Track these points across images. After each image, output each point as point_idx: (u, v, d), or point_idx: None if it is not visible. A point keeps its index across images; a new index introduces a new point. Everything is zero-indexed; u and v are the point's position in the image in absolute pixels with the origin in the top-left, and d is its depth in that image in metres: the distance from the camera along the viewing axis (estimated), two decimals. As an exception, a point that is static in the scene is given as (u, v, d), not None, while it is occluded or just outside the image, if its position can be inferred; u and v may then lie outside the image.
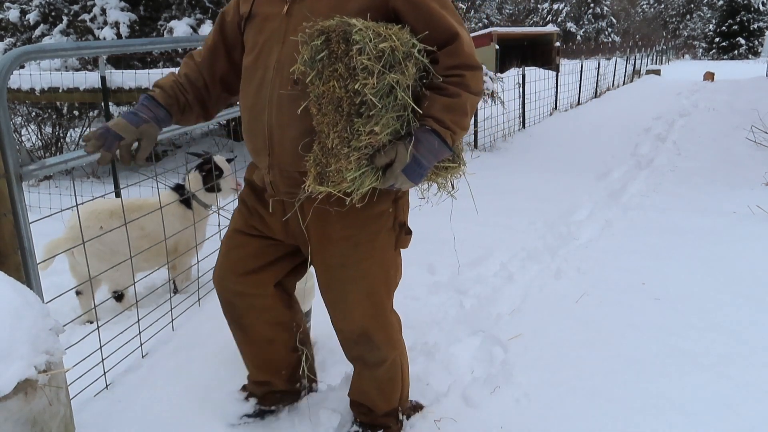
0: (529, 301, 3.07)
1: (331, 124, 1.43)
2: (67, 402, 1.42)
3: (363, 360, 1.84)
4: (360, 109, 1.40)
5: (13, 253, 1.84)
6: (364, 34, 1.36)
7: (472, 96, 1.51)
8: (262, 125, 1.61)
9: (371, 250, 1.69)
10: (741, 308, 2.90)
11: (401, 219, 1.75)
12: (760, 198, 4.72)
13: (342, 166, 1.43)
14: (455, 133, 1.50)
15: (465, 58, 1.49)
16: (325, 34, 1.39)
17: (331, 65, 1.39)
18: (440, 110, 1.47)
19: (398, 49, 1.39)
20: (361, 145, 1.42)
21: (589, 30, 44.55)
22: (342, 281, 1.72)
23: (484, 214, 4.70)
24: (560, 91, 11.77)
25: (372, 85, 1.36)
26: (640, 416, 2.11)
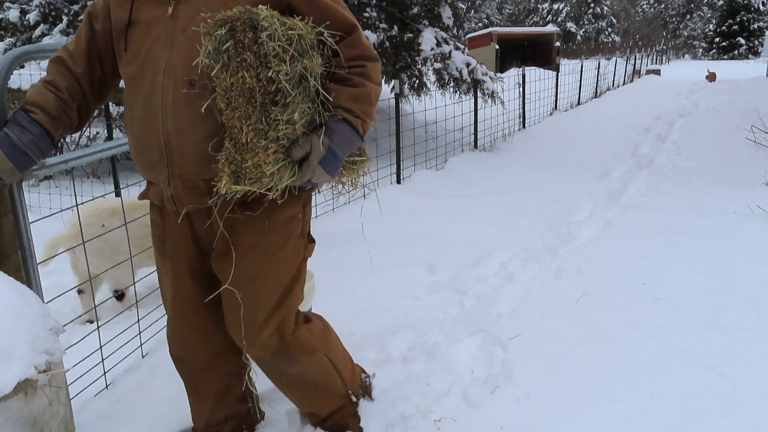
0: (529, 301, 3.07)
1: (243, 117, 1.36)
2: (67, 402, 1.42)
3: (286, 374, 1.74)
4: (275, 98, 1.35)
5: (13, 253, 1.84)
6: (272, 21, 1.33)
7: (375, 86, 1.52)
8: (156, 135, 1.48)
9: (282, 259, 1.61)
10: (741, 308, 2.90)
11: (307, 227, 1.70)
12: (760, 198, 4.72)
13: (260, 161, 1.37)
14: (365, 122, 1.49)
15: (365, 50, 1.50)
16: (228, 23, 1.34)
17: (238, 55, 1.34)
18: (348, 100, 1.46)
19: (305, 36, 1.37)
20: (279, 135, 1.36)
21: (589, 30, 44.56)
22: (250, 298, 1.59)
23: (484, 214, 4.71)
24: (560, 91, 11.77)
25: (286, 72, 1.32)
26: (640, 416, 2.11)
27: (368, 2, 6.84)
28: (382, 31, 6.61)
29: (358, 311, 2.94)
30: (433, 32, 7.10)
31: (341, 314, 2.88)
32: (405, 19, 7.08)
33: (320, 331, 1.82)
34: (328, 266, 3.43)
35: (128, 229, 2.63)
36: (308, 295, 2.48)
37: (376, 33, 6.47)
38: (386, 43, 6.55)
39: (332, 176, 1.48)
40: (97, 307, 2.56)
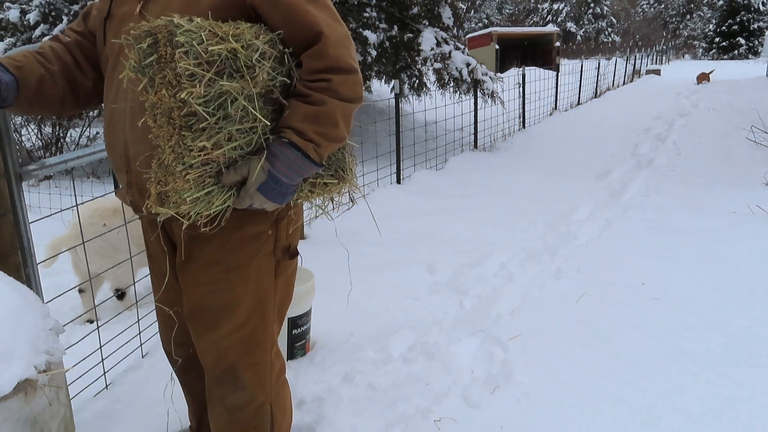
0: (529, 301, 3.07)
1: (165, 137, 1.24)
2: (67, 402, 1.42)
3: (223, 402, 1.57)
4: (189, 122, 1.21)
5: (13, 253, 1.84)
6: (193, 35, 1.19)
7: (343, 103, 1.32)
8: (119, 140, 1.42)
9: (244, 277, 1.48)
10: (741, 308, 2.90)
11: (285, 242, 1.53)
12: (760, 198, 4.72)
13: (179, 186, 1.24)
14: (320, 145, 1.31)
15: (332, 61, 1.30)
16: (152, 35, 1.22)
17: (161, 71, 1.21)
18: (301, 120, 1.28)
19: (239, 52, 1.22)
20: (195, 162, 1.23)
21: (589, 30, 44.56)
22: (210, 311, 1.50)
23: (484, 214, 4.71)
24: (560, 91, 11.78)
25: (198, 94, 1.18)
26: (640, 416, 2.11)
27: (368, 2, 6.84)
28: (382, 31, 6.61)
29: (358, 311, 2.94)
30: (433, 32, 7.10)
31: (341, 314, 2.89)
32: (405, 19, 7.08)
33: (279, 373, 1.65)
34: (328, 266, 3.43)
35: (129, 228, 2.63)
36: (308, 295, 2.48)
37: (376, 33, 6.47)
38: (386, 43, 6.54)
39: (279, 203, 1.33)
40: (97, 307, 2.56)
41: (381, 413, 2.13)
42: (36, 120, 6.86)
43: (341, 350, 2.56)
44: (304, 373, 2.39)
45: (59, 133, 7.07)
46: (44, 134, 7.01)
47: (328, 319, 2.80)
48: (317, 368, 2.43)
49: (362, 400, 2.20)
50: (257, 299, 1.51)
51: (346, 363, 2.44)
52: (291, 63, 1.32)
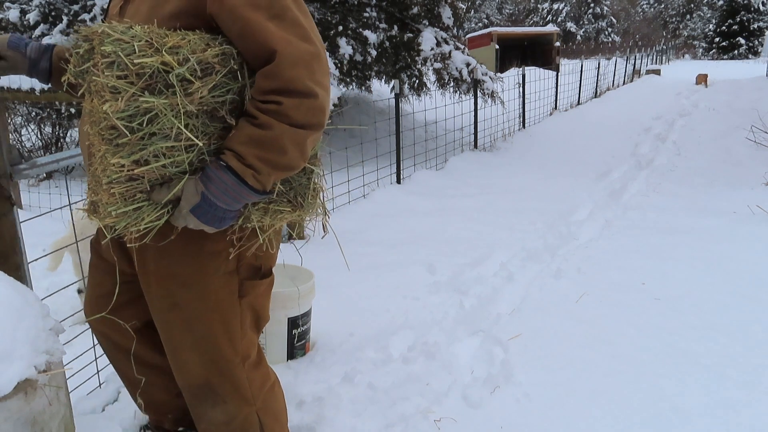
0: (529, 301, 3.07)
1: (96, 147, 1.19)
2: (67, 402, 1.42)
3: (207, 418, 1.53)
4: (112, 135, 1.15)
5: (13, 253, 1.84)
6: (123, 45, 1.12)
7: (293, 129, 1.21)
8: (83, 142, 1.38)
9: (201, 293, 1.41)
10: (741, 308, 2.90)
11: (255, 263, 1.46)
12: (760, 198, 4.72)
13: (104, 199, 1.19)
14: (260, 172, 1.21)
15: (285, 82, 1.19)
16: (89, 41, 1.16)
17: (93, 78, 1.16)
18: (243, 143, 1.20)
19: (173, 66, 1.14)
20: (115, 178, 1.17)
21: (589, 30, 44.56)
22: (171, 326, 1.46)
23: (484, 214, 4.71)
24: (560, 91, 11.78)
25: (118, 108, 1.12)
26: (640, 416, 2.11)
27: (368, 2, 6.84)
28: (382, 31, 6.61)
29: (358, 311, 2.94)
30: (433, 32, 7.10)
31: (341, 314, 2.88)
32: (405, 19, 7.08)
33: (262, 383, 1.59)
34: (328, 266, 3.43)
35: None
36: (308, 295, 2.48)
37: (376, 33, 6.47)
38: (386, 43, 6.54)
39: (217, 227, 1.27)
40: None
41: (381, 413, 2.13)
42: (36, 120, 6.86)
43: (341, 350, 2.56)
44: (304, 373, 2.39)
45: (59, 133, 7.07)
46: (44, 134, 7.00)
47: (328, 319, 2.80)
48: (317, 368, 2.43)
49: (362, 400, 2.20)
50: (218, 317, 1.44)
51: (346, 363, 2.44)
52: (246, 80, 1.24)
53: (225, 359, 1.48)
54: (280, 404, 1.68)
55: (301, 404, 2.16)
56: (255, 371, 1.56)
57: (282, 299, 2.39)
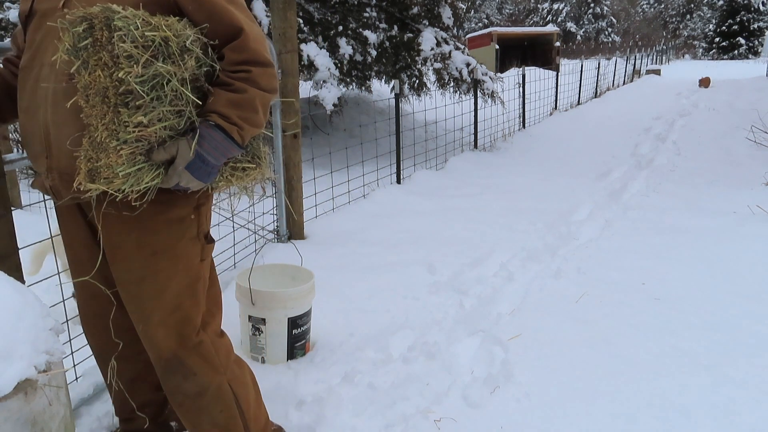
0: (529, 301, 3.07)
1: (99, 116, 1.34)
2: (67, 402, 1.42)
3: (180, 391, 1.61)
4: (126, 99, 1.33)
5: (13, 253, 1.84)
6: (129, 21, 1.30)
7: (262, 93, 1.45)
8: (38, 126, 1.48)
9: (173, 259, 1.54)
10: (741, 308, 2.91)
11: (205, 228, 1.63)
12: (760, 198, 4.72)
13: (112, 161, 1.34)
14: (242, 129, 1.43)
15: (252, 54, 1.43)
16: (87, 20, 1.32)
17: (96, 54, 1.32)
18: (225, 105, 1.40)
19: (171, 40, 1.33)
20: (129, 138, 1.33)
21: (589, 30, 44.56)
22: (141, 297, 1.54)
23: (484, 214, 4.71)
24: (560, 91, 11.78)
25: (136, 74, 1.30)
26: (640, 416, 2.11)
27: (368, 2, 6.84)
28: (382, 31, 6.61)
29: (358, 311, 2.94)
30: (433, 32, 7.10)
31: (341, 314, 2.89)
32: (405, 19, 7.08)
33: (227, 353, 1.69)
34: (328, 266, 3.43)
35: None
36: (308, 295, 2.48)
37: (376, 33, 6.47)
38: (386, 43, 6.54)
39: (205, 182, 1.43)
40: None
41: (381, 413, 2.13)
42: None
43: (341, 350, 2.56)
44: (304, 373, 2.39)
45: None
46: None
47: (328, 319, 2.80)
48: (317, 368, 2.43)
49: (362, 400, 2.20)
50: (187, 282, 1.57)
51: (346, 363, 2.44)
52: (213, 55, 1.43)
53: (192, 326, 1.59)
54: (249, 377, 1.77)
55: (301, 404, 2.16)
56: (220, 340, 1.68)
57: (282, 299, 2.39)
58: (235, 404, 1.68)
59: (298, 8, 5.99)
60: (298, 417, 2.09)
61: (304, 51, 5.57)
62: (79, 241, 1.64)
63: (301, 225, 3.99)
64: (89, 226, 1.60)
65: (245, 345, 2.51)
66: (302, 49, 5.55)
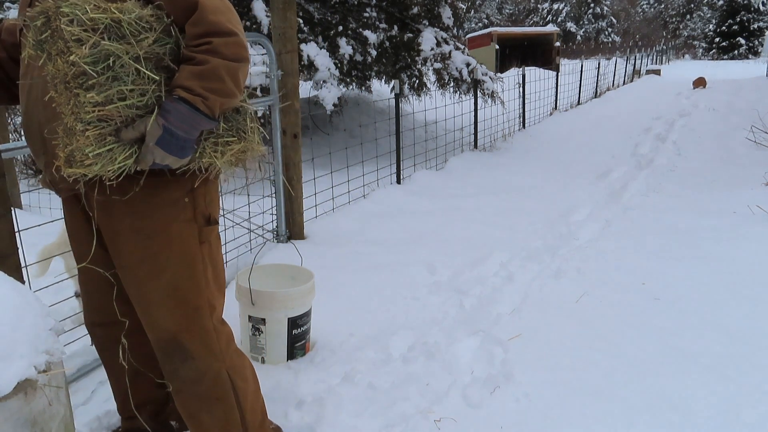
0: (529, 301, 3.07)
1: (65, 102, 1.40)
2: (67, 402, 1.42)
3: (178, 375, 1.63)
4: (81, 81, 1.37)
5: (13, 253, 1.84)
6: (77, 6, 1.35)
7: (226, 62, 1.45)
8: (35, 124, 1.56)
9: (167, 241, 1.57)
10: (741, 308, 2.90)
11: (205, 210, 1.64)
12: (760, 198, 4.72)
13: (81, 144, 1.39)
14: (207, 99, 1.43)
15: (210, 26, 1.44)
16: (44, 14, 1.38)
17: (54, 44, 1.37)
18: (187, 78, 1.42)
19: (122, 20, 1.38)
20: (89, 118, 1.38)
21: (589, 30, 44.56)
22: (140, 280, 1.58)
23: (484, 214, 4.71)
24: (560, 91, 11.77)
25: (83, 54, 1.34)
26: (640, 416, 2.11)
27: (368, 2, 6.84)
28: (382, 31, 6.61)
29: (358, 311, 2.94)
30: (433, 32, 7.10)
31: (341, 314, 2.89)
32: (405, 19, 7.08)
33: (228, 341, 1.70)
34: (328, 266, 3.43)
35: None
36: (308, 295, 2.48)
37: (376, 33, 6.47)
38: (386, 43, 6.54)
39: (180, 157, 1.45)
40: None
41: (381, 413, 2.13)
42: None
43: (341, 350, 2.56)
44: (304, 373, 2.39)
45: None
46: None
47: (328, 319, 2.80)
48: (317, 368, 2.43)
49: (362, 400, 2.20)
50: (184, 263, 1.59)
51: (346, 363, 2.44)
52: (177, 34, 1.46)
53: (192, 307, 1.61)
54: (249, 369, 1.77)
55: (301, 404, 2.16)
56: (221, 327, 1.69)
57: (282, 299, 2.39)
58: (233, 394, 1.68)
59: (298, 8, 5.99)
60: (298, 417, 2.09)
61: (304, 51, 5.56)
62: (81, 232, 1.69)
63: (301, 225, 3.99)
64: (86, 216, 1.65)
65: (245, 345, 2.51)
66: (302, 49, 5.55)
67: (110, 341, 1.78)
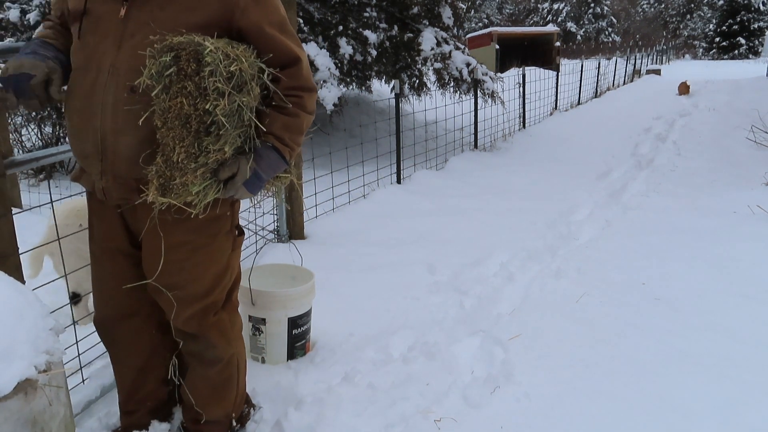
0: (529, 301, 3.07)
1: (177, 138, 1.44)
2: (68, 402, 1.42)
3: (201, 356, 1.82)
4: (209, 128, 1.44)
5: (13, 253, 1.84)
6: (215, 55, 1.39)
7: (308, 116, 1.63)
8: (93, 130, 1.54)
9: (210, 253, 1.70)
10: (741, 308, 2.90)
11: (236, 221, 1.80)
12: (760, 198, 4.72)
13: (188, 180, 1.46)
14: (293, 149, 1.61)
15: (304, 81, 1.60)
16: (174, 51, 1.40)
17: (179, 82, 1.41)
18: (281, 128, 1.56)
19: (246, 71, 1.45)
20: (210, 161, 1.46)
21: (590, 30, 44.55)
22: (176, 285, 1.68)
23: (484, 214, 4.71)
24: (560, 91, 11.77)
25: (223, 107, 1.40)
26: (640, 416, 2.11)
27: (368, 2, 6.84)
28: (382, 31, 6.61)
29: (358, 311, 2.94)
30: (433, 32, 7.09)
31: (341, 314, 2.89)
32: (405, 19, 7.07)
33: (240, 329, 1.91)
34: (328, 266, 3.43)
35: None
36: (308, 295, 2.48)
37: (376, 33, 6.47)
38: (386, 43, 6.54)
39: (254, 194, 1.61)
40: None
41: (381, 413, 2.13)
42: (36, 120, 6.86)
43: (341, 350, 2.56)
44: (304, 373, 2.40)
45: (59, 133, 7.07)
46: (44, 134, 7.00)
47: (328, 319, 2.80)
48: (317, 368, 2.43)
49: (362, 400, 2.20)
50: (219, 272, 1.74)
51: (346, 363, 2.44)
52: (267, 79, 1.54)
53: (216, 306, 1.76)
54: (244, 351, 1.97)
55: (301, 404, 2.17)
56: (235, 316, 1.88)
57: (282, 299, 2.39)
58: (236, 379, 1.90)
59: (298, 8, 5.99)
60: (298, 417, 2.09)
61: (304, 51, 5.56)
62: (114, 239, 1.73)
63: (301, 225, 3.98)
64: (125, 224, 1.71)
65: (245, 345, 2.51)
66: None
67: (121, 336, 1.83)
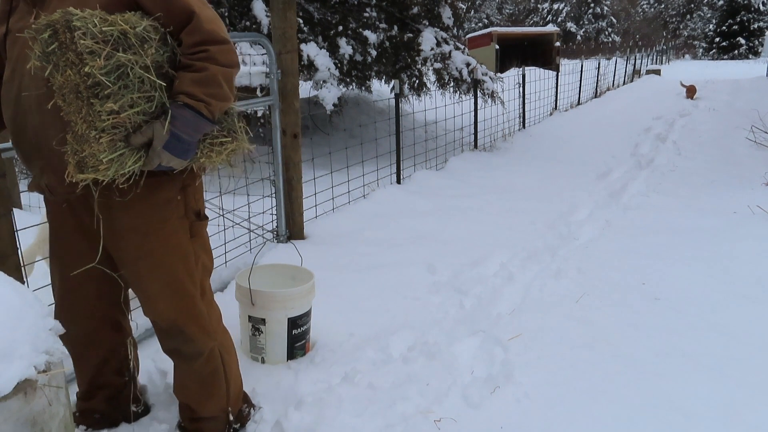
0: (529, 301, 3.07)
1: (76, 111, 1.47)
2: (67, 402, 1.42)
3: (179, 352, 1.84)
4: (96, 91, 1.45)
5: (13, 253, 1.84)
6: (87, 20, 1.43)
7: (223, 68, 1.57)
8: (26, 131, 1.62)
9: (163, 239, 1.70)
10: (741, 308, 2.90)
11: (195, 207, 1.77)
12: (760, 198, 4.72)
13: (94, 150, 1.47)
14: (210, 104, 1.55)
15: (206, 34, 1.56)
16: (51, 27, 1.44)
17: (63, 55, 1.44)
18: (190, 85, 1.52)
19: (129, 32, 1.47)
20: (105, 125, 1.46)
21: (589, 30, 44.56)
22: (140, 274, 1.72)
23: (484, 214, 4.71)
24: (560, 91, 11.77)
25: (99, 66, 1.42)
26: (640, 416, 2.11)
27: (368, 2, 6.84)
28: (382, 31, 6.61)
29: (358, 311, 2.94)
30: (433, 32, 7.09)
31: (341, 314, 2.89)
32: (405, 19, 7.07)
33: (218, 319, 1.91)
34: (328, 266, 3.43)
35: None
36: (308, 295, 2.48)
37: (376, 33, 6.47)
38: (386, 43, 6.54)
39: (184, 159, 1.56)
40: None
41: (381, 413, 2.13)
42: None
43: (341, 350, 2.56)
44: (304, 373, 2.39)
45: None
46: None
47: (328, 319, 2.80)
48: (317, 368, 2.43)
49: (362, 400, 2.20)
50: (178, 258, 1.73)
51: (346, 363, 2.44)
52: (173, 42, 1.56)
53: (188, 296, 1.76)
54: (231, 342, 1.97)
55: (301, 404, 2.16)
56: (211, 307, 1.87)
57: (282, 299, 2.39)
58: (222, 371, 1.89)
59: (298, 8, 5.99)
60: (298, 417, 2.09)
61: (304, 51, 5.56)
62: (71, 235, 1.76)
63: (301, 225, 3.98)
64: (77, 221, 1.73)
65: (245, 345, 2.51)
66: (302, 49, 5.55)
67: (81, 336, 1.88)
